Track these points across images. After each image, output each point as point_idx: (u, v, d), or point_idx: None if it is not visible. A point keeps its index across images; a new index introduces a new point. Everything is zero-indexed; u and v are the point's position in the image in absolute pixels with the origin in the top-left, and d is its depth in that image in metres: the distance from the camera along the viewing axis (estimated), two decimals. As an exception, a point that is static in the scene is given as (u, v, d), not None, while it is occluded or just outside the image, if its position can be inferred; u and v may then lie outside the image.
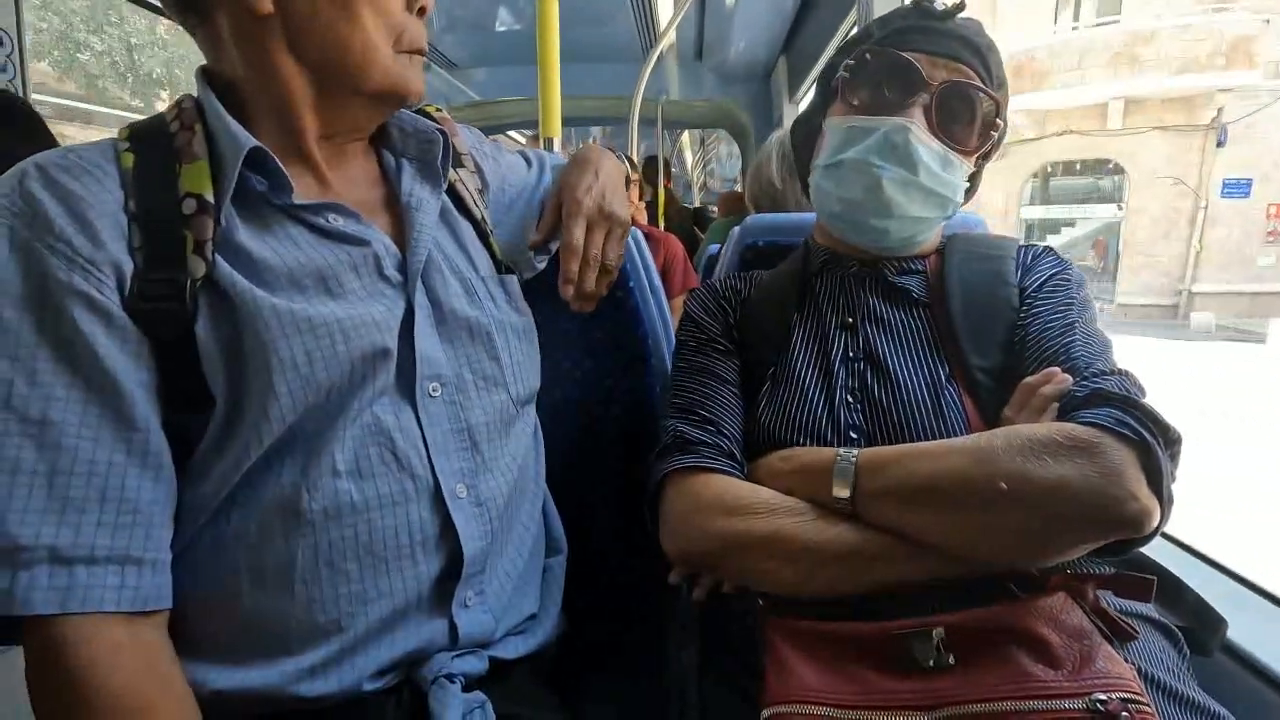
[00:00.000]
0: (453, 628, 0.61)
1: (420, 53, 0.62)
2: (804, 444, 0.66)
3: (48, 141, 1.04)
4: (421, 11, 0.62)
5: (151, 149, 0.56)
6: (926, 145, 0.68)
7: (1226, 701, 0.58)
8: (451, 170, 0.70)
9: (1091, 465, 0.53)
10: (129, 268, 0.52)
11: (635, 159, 2.83)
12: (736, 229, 1.04)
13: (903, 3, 1.53)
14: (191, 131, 0.57)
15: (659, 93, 3.56)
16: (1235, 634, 0.67)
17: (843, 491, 0.59)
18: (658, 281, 0.99)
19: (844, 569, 0.60)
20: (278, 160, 0.56)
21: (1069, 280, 0.70)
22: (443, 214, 0.68)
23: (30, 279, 0.50)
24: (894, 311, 0.72)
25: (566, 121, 1.61)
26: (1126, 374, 0.60)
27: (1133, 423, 0.55)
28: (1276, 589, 0.79)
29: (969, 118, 0.69)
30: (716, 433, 0.69)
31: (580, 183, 0.73)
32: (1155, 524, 0.53)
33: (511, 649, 0.66)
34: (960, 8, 0.72)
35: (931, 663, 0.55)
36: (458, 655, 0.61)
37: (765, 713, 0.57)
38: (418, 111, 0.70)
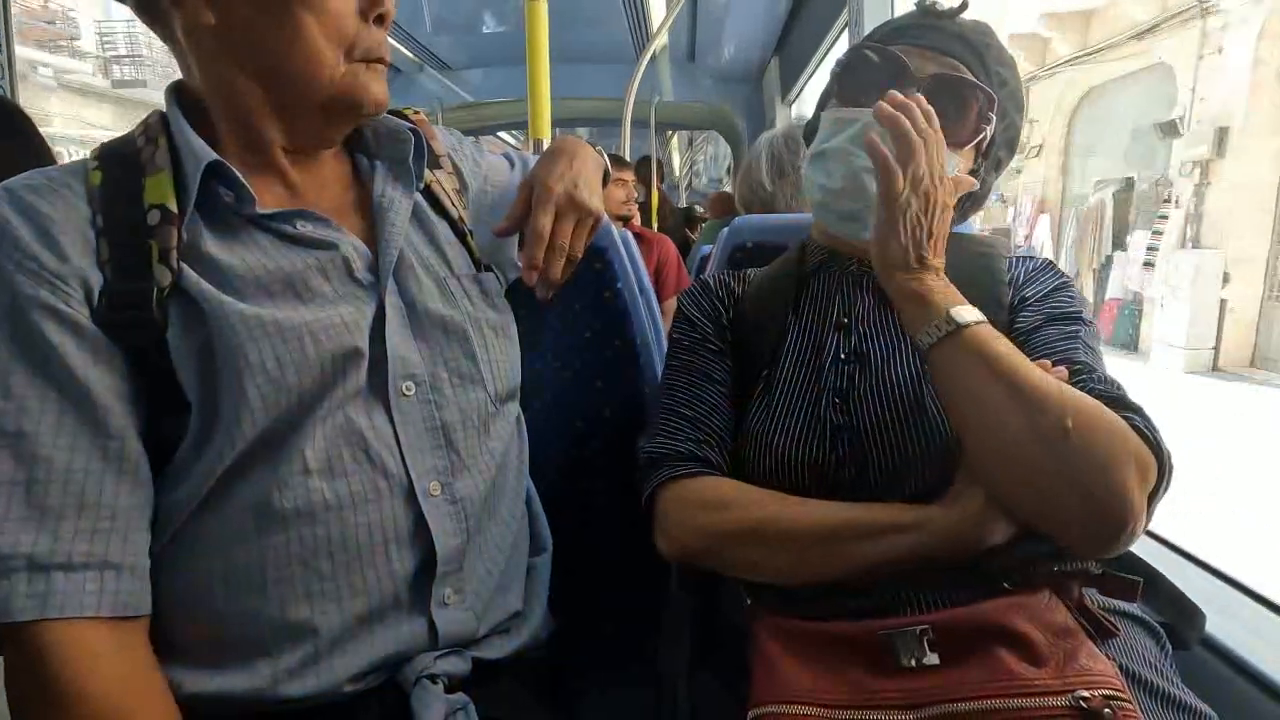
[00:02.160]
0: (432, 627, 0.61)
1: (380, 62, 0.62)
2: (787, 445, 0.67)
3: (39, 148, 1.03)
4: (380, 20, 0.60)
5: (117, 165, 0.57)
6: None
7: (1208, 696, 0.58)
8: (428, 171, 0.70)
9: (1131, 437, 0.54)
10: (97, 281, 0.53)
11: (628, 159, 2.83)
12: (725, 230, 1.05)
13: (889, 4, 1.54)
14: (155, 145, 0.58)
15: (652, 94, 3.56)
16: (1215, 629, 0.68)
17: (944, 324, 0.58)
18: (647, 283, 0.99)
19: (829, 550, 0.60)
20: (239, 173, 0.57)
21: (1073, 297, 0.70)
22: (417, 214, 0.68)
23: (1, 297, 0.51)
24: (888, 310, 0.72)
25: (559, 123, 1.61)
26: (1124, 390, 0.60)
27: (1156, 438, 0.55)
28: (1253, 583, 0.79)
29: (958, 111, 0.69)
30: (704, 437, 0.70)
31: (552, 171, 0.73)
32: (1133, 523, 0.53)
33: (496, 649, 0.66)
34: (963, 8, 0.72)
35: (917, 661, 0.55)
36: (440, 656, 0.61)
37: (752, 713, 0.57)
38: (394, 113, 0.70)
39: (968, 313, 0.58)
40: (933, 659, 0.55)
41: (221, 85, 0.58)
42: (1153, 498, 0.54)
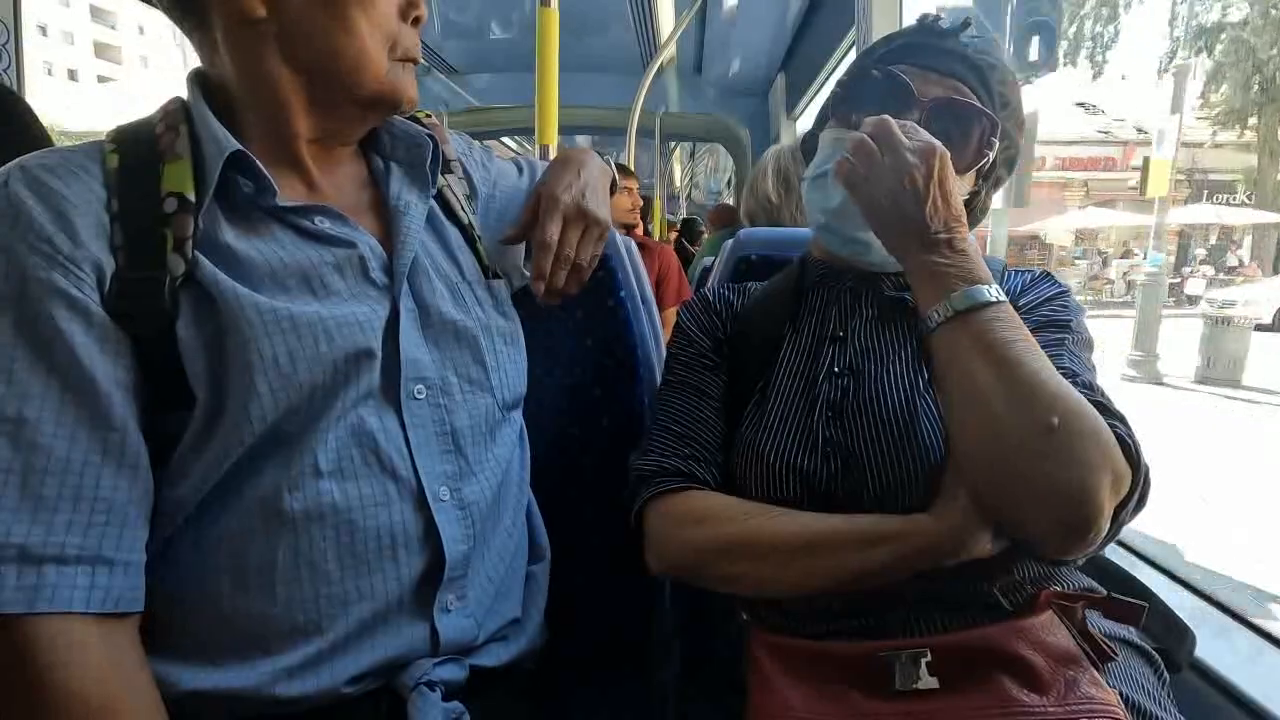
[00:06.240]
0: (434, 632, 0.60)
1: (414, 61, 0.63)
2: (778, 455, 0.66)
3: (41, 138, 1.03)
4: (416, 21, 0.62)
5: (136, 149, 0.56)
6: None
7: None
8: (441, 176, 0.71)
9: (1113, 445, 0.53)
10: (109, 266, 0.52)
11: (632, 169, 2.84)
12: (729, 242, 1.04)
13: (898, 23, 1.55)
14: (175, 132, 0.57)
15: (658, 105, 3.58)
16: (1205, 653, 0.68)
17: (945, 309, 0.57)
18: (649, 292, 0.99)
19: (814, 559, 0.60)
20: (262, 164, 0.56)
21: (1066, 306, 0.70)
22: (431, 218, 0.68)
23: (10, 278, 0.50)
24: (886, 324, 0.72)
25: (565, 130, 1.61)
26: (1108, 398, 0.60)
27: (1136, 450, 0.55)
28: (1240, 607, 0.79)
29: (962, 136, 0.68)
30: (693, 452, 0.70)
31: (560, 180, 0.73)
32: (1097, 527, 0.52)
33: (493, 656, 0.66)
34: (965, 25, 0.71)
35: (913, 685, 0.54)
36: (439, 663, 0.60)
37: None
38: (408, 117, 0.70)
39: (978, 293, 0.57)
40: (931, 682, 0.54)
41: (258, 77, 0.58)
42: (1123, 508, 0.54)
